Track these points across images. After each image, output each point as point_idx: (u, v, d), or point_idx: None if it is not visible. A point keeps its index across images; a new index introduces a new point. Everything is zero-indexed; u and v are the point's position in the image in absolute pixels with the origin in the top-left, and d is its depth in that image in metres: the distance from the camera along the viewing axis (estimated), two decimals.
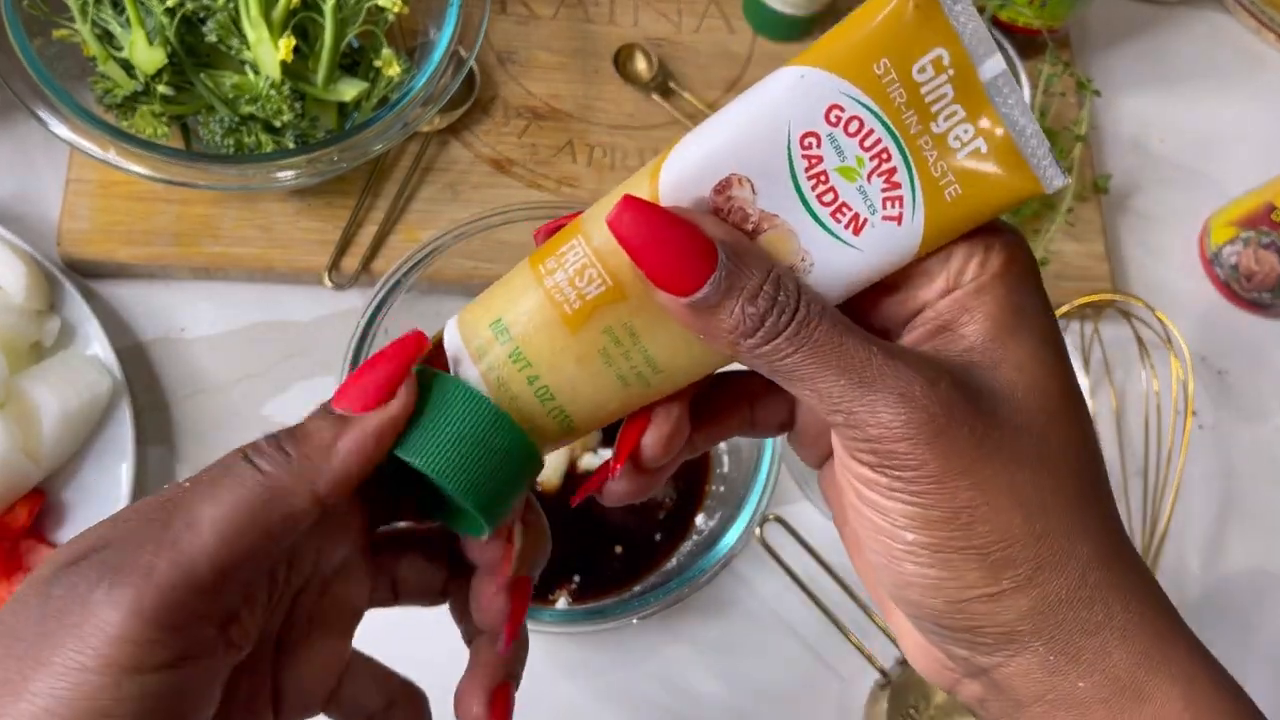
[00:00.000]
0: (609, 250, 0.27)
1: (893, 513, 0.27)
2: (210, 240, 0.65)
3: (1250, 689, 0.28)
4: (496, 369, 0.28)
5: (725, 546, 0.55)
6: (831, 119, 0.26)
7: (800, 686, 0.63)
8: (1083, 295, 0.71)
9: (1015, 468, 0.26)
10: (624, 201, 0.26)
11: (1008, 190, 0.26)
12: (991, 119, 0.26)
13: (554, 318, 0.28)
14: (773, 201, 0.26)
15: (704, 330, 0.26)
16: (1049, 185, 0.26)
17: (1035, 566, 0.26)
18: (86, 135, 0.57)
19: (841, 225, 0.26)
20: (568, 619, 0.54)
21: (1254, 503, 0.72)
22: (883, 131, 0.26)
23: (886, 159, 0.26)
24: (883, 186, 0.26)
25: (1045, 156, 0.26)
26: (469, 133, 0.71)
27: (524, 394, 0.28)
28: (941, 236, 0.27)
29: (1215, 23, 0.89)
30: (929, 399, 0.25)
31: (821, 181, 0.26)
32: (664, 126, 0.74)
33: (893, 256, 0.27)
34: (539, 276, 0.28)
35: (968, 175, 0.26)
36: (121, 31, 0.60)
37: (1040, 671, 0.27)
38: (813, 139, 0.26)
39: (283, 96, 0.61)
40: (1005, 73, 0.26)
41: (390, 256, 0.67)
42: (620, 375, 0.28)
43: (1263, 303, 0.76)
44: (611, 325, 0.27)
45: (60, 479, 0.58)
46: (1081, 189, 0.76)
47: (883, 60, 0.25)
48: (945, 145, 0.26)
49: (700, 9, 0.79)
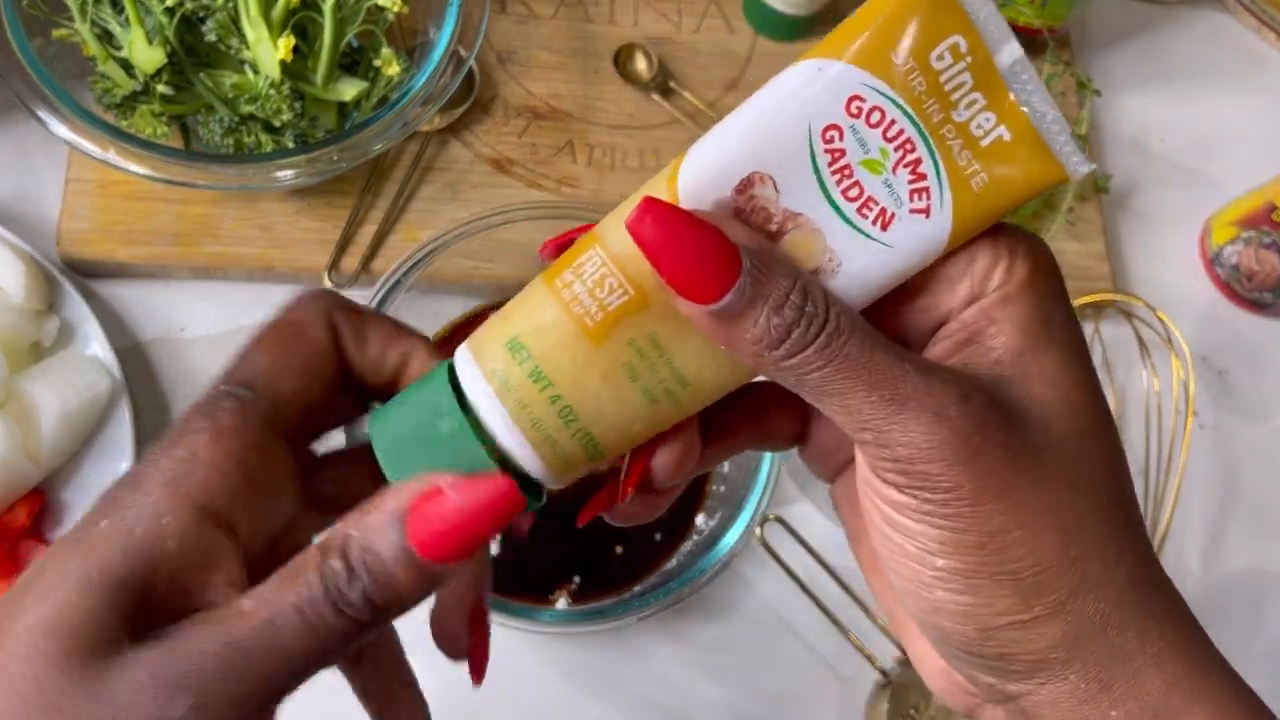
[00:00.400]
0: (629, 257, 0.26)
1: (922, 537, 0.25)
2: (210, 240, 0.65)
3: (1251, 689, 0.28)
4: (515, 390, 0.26)
5: (725, 546, 0.55)
6: (853, 110, 0.25)
7: (800, 686, 0.63)
8: (1083, 295, 0.71)
9: (1050, 489, 0.25)
10: (644, 203, 0.24)
11: (1033, 178, 0.25)
12: (1012, 106, 0.25)
13: (575, 331, 0.26)
14: (796, 200, 0.25)
15: (727, 341, 0.25)
16: (1074, 172, 0.25)
17: (1069, 592, 0.25)
18: (86, 135, 0.57)
19: (869, 221, 0.25)
20: (568, 619, 0.54)
21: (1254, 503, 0.72)
22: (905, 121, 0.25)
23: (911, 149, 0.25)
24: (909, 178, 0.25)
25: (1068, 143, 0.25)
26: (469, 132, 0.71)
27: (546, 416, 0.26)
28: (969, 229, 0.26)
29: (1215, 22, 0.89)
30: (964, 418, 0.24)
31: (846, 176, 0.25)
32: (664, 126, 0.74)
33: (921, 252, 0.26)
34: (555, 290, 0.26)
35: (993, 163, 0.25)
36: (121, 31, 0.60)
37: (1070, 700, 0.26)
38: (835, 132, 0.25)
39: (282, 96, 0.61)
40: (1023, 58, 0.25)
41: (390, 256, 0.67)
42: (647, 391, 0.26)
43: (1264, 302, 0.76)
44: (635, 337, 0.26)
45: (60, 479, 0.58)
46: (1082, 189, 0.76)
47: (900, 48, 0.24)
48: (968, 133, 0.25)
49: (700, 9, 0.79)
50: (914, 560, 0.26)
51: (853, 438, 0.26)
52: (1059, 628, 0.25)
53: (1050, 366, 0.26)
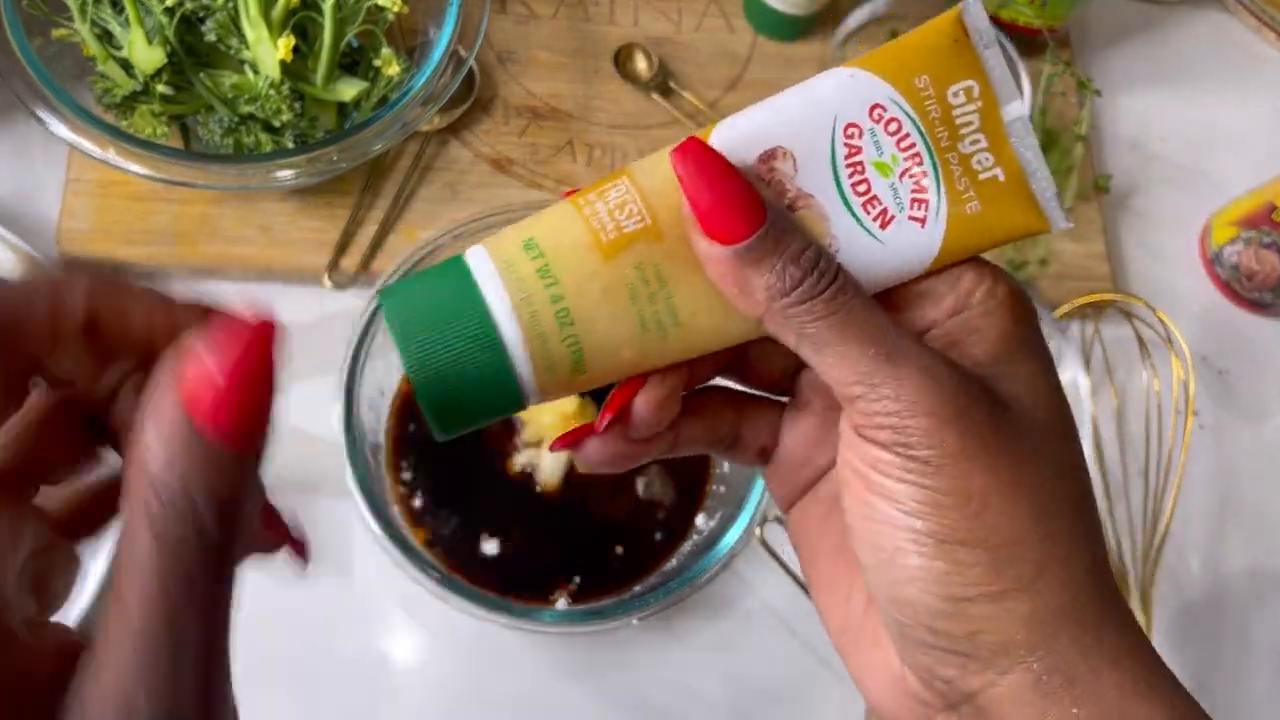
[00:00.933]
0: (655, 191, 0.28)
1: (902, 496, 0.26)
2: (209, 240, 0.65)
3: (1250, 689, 0.28)
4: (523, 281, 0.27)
5: (725, 546, 0.55)
6: (874, 116, 0.28)
7: (800, 686, 0.63)
8: (1083, 295, 0.71)
9: (1026, 468, 0.27)
10: (690, 140, 0.27)
11: (1018, 221, 0.28)
12: (1010, 155, 0.28)
13: (589, 242, 0.27)
14: (811, 181, 0.28)
15: (739, 282, 0.27)
16: (1055, 225, 0.28)
17: (1038, 569, 0.26)
18: (86, 135, 0.57)
19: (870, 217, 0.28)
20: (567, 619, 0.54)
21: (1254, 503, 0.72)
22: (917, 137, 0.28)
23: (919, 162, 0.28)
24: (912, 188, 0.28)
25: (1053, 199, 0.28)
26: (469, 132, 0.71)
27: (544, 312, 0.27)
28: (956, 250, 0.28)
29: (1216, 22, 0.89)
30: (952, 380, 0.26)
31: (858, 171, 0.28)
32: (664, 126, 0.74)
33: (911, 259, 0.28)
34: (577, 205, 0.28)
35: (986, 196, 0.28)
36: (121, 31, 0.60)
37: (1033, 693, 0.26)
38: (855, 130, 0.28)
39: (282, 96, 0.61)
40: (1024, 117, 0.28)
41: (390, 256, 0.67)
42: (641, 316, 0.28)
43: (1264, 302, 0.76)
44: (643, 263, 0.28)
45: None
46: (1082, 189, 0.76)
47: (924, 76, 0.28)
48: (969, 165, 0.28)
49: (700, 8, 0.79)
50: (891, 525, 0.27)
51: (843, 393, 0.27)
52: (1026, 605, 0.26)
53: (1026, 375, 0.28)
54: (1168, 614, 0.67)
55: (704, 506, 0.61)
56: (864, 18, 0.75)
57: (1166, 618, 0.67)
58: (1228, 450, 0.73)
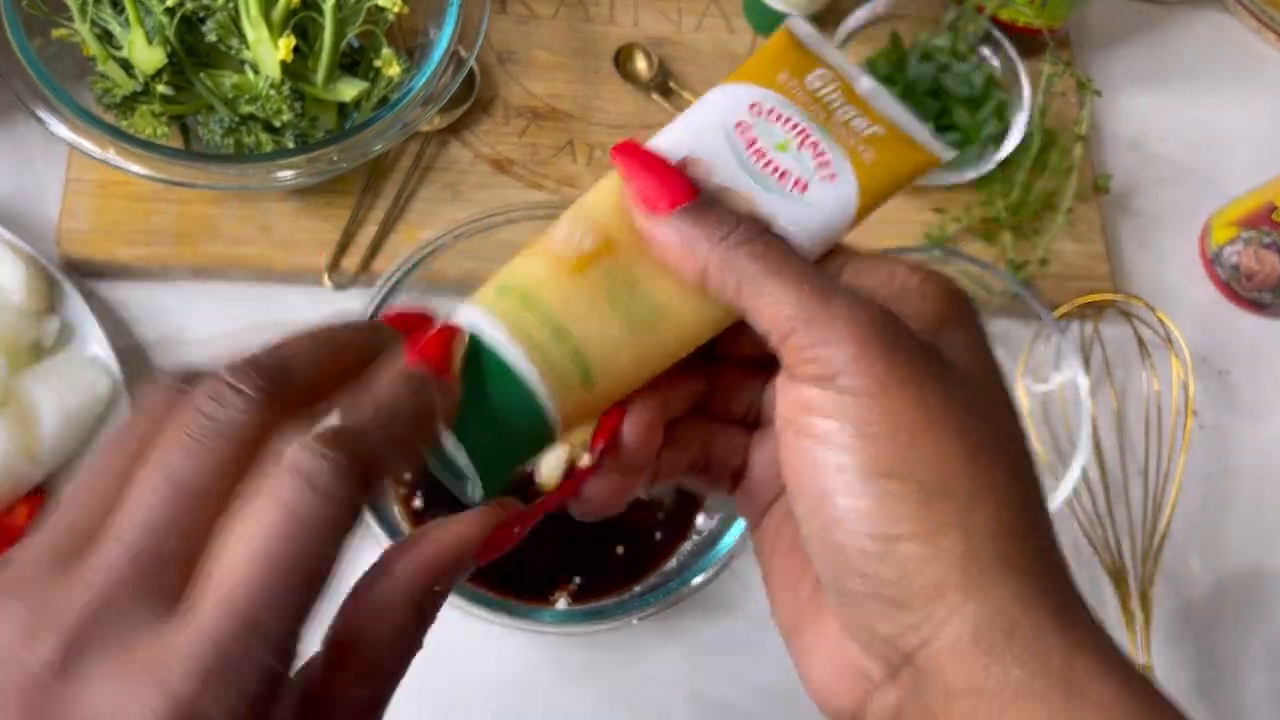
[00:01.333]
0: (597, 214, 0.31)
1: (831, 433, 0.27)
2: (210, 240, 0.65)
3: (1250, 689, 0.28)
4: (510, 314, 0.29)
5: (725, 546, 0.55)
6: (754, 111, 0.32)
7: (800, 687, 0.63)
8: (1083, 295, 0.71)
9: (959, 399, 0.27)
10: (624, 142, 0.31)
11: (911, 158, 0.32)
12: (878, 115, 0.32)
13: (557, 268, 0.30)
14: (725, 175, 0.31)
15: (683, 243, 0.29)
16: (943, 156, 0.32)
17: (969, 503, 0.26)
18: (86, 135, 0.57)
19: (787, 187, 0.31)
20: (568, 620, 0.54)
21: (1254, 503, 0.72)
22: (799, 116, 0.32)
23: (808, 135, 0.31)
24: (813, 154, 0.31)
25: (930, 137, 0.32)
26: (469, 132, 0.71)
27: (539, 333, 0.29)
28: (873, 191, 0.31)
29: (1216, 22, 0.89)
30: (883, 317, 0.27)
31: (761, 156, 0.31)
32: (664, 126, 0.74)
33: (837, 212, 0.31)
34: (533, 252, 0.31)
35: (876, 146, 0.32)
36: (121, 31, 0.60)
37: (972, 648, 0.25)
38: (744, 125, 0.31)
39: (282, 96, 0.61)
40: (875, 86, 0.32)
41: (390, 256, 0.67)
42: (627, 316, 0.30)
43: (1263, 303, 0.76)
44: (611, 271, 0.30)
45: (60, 479, 0.58)
46: (1082, 189, 0.76)
47: (782, 73, 0.32)
48: (850, 127, 0.32)
49: (700, 9, 0.79)
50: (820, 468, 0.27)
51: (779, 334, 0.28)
52: (959, 544, 0.26)
53: (962, 342, 0.29)
54: (1167, 614, 0.67)
55: (704, 506, 0.61)
56: (864, 18, 0.75)
57: (1166, 618, 0.67)
58: (1228, 451, 0.73)
